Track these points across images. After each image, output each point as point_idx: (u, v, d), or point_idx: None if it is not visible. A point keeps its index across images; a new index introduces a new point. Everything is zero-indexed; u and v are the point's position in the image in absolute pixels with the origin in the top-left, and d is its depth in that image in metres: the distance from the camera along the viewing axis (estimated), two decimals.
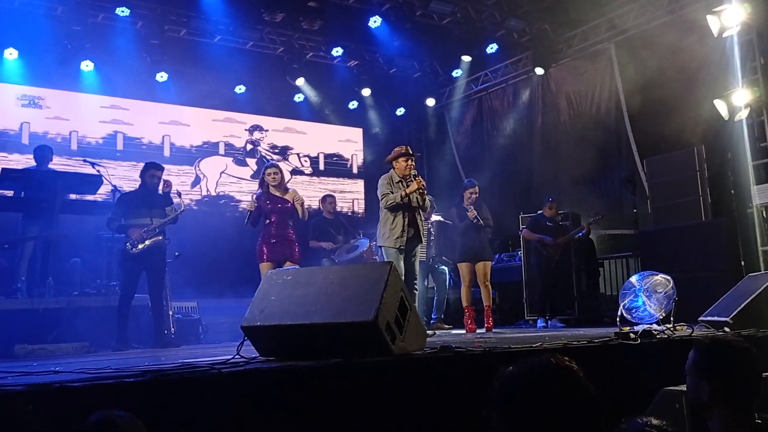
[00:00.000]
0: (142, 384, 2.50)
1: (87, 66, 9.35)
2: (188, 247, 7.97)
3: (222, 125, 11.35)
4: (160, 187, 6.83)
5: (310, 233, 8.31)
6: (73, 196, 7.35)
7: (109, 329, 6.13)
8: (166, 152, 10.76)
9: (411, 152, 6.41)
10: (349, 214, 12.10)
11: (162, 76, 9.92)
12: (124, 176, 9.56)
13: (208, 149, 11.20)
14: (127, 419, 1.98)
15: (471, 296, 7.31)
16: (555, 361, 1.53)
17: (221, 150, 11.30)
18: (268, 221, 6.22)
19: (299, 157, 12.18)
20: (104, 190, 7.61)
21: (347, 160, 12.69)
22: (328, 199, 8.85)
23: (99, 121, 10.16)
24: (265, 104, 11.59)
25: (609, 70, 10.00)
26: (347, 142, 12.70)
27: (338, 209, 9.50)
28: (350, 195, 12.51)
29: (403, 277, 5.17)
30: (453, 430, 3.07)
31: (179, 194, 6.91)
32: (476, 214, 7.14)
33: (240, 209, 6.32)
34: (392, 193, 6.18)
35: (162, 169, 6.79)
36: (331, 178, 12.44)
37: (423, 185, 6.21)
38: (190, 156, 11.02)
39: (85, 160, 7.52)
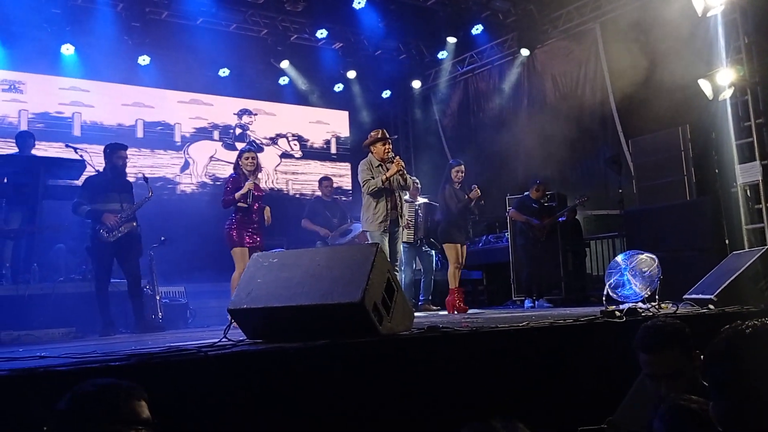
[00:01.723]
0: (127, 368, 2.49)
1: (68, 50, 9.22)
2: (177, 232, 7.95)
3: (206, 108, 11.24)
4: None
5: (305, 213, 8.33)
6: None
7: (95, 314, 6.09)
8: (177, 138, 10.76)
9: (387, 136, 6.47)
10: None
11: (144, 60, 9.80)
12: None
13: (195, 134, 11.10)
14: (127, 384, 1.93)
15: (459, 277, 7.34)
16: None
17: (211, 134, 11.22)
18: (247, 207, 6.20)
19: (288, 141, 12.12)
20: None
21: (333, 143, 12.64)
22: (324, 182, 8.80)
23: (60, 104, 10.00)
24: (249, 87, 11.50)
25: (594, 50, 10.01)
26: (333, 124, 12.65)
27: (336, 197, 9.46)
28: (336, 179, 12.47)
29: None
30: (441, 409, 3.09)
31: (146, 179, 6.66)
32: (479, 194, 7.19)
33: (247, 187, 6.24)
34: (373, 178, 6.23)
35: (126, 148, 6.58)
36: (317, 162, 12.40)
37: (402, 166, 6.29)
38: (174, 140, 10.92)
39: (67, 145, 7.43)
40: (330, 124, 12.64)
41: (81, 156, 7.07)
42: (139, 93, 10.56)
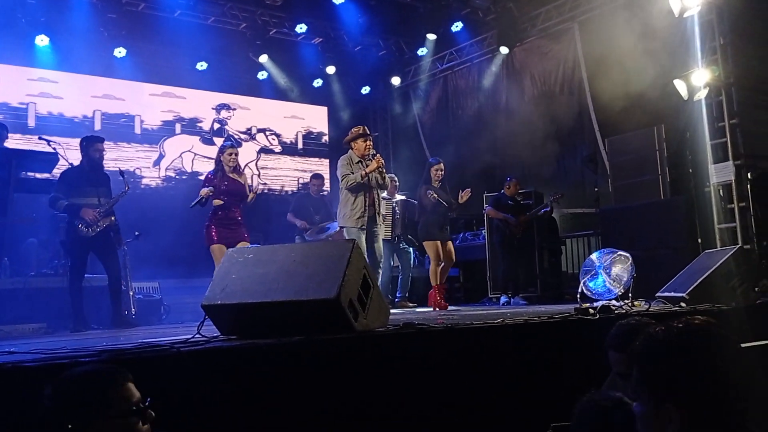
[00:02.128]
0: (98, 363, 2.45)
1: (42, 41, 9.07)
2: (151, 226, 7.86)
3: (182, 102, 11.13)
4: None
5: (291, 207, 8.50)
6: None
7: (68, 310, 5.99)
8: (137, 129, 10.59)
9: (368, 132, 6.47)
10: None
11: (120, 52, 9.67)
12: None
13: (170, 128, 10.99)
14: (113, 369, 1.90)
15: (446, 273, 7.35)
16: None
17: (177, 129, 11.08)
18: (220, 203, 6.13)
19: (266, 136, 12.04)
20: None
21: (312, 138, 12.59)
22: (314, 180, 8.97)
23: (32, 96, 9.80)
24: (227, 82, 11.39)
25: (572, 49, 10.07)
26: (311, 120, 12.60)
27: (324, 191, 9.43)
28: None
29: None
30: (415, 405, 3.09)
31: (122, 174, 6.52)
32: (438, 196, 7.17)
33: (201, 195, 6.15)
34: (352, 173, 6.22)
35: (103, 141, 6.45)
36: (297, 157, 12.35)
37: (382, 164, 6.31)
38: (152, 134, 10.80)
39: (40, 137, 7.30)
40: (308, 120, 12.58)
41: (54, 149, 6.95)
42: (112, 85, 10.37)
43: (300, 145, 12.52)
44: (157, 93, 10.90)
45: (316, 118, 12.65)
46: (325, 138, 12.67)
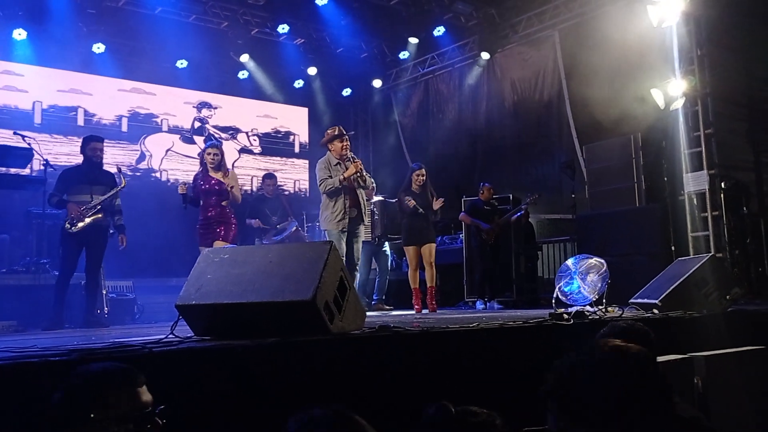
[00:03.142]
0: (68, 363, 2.42)
1: (20, 35, 8.94)
2: (126, 225, 7.77)
3: (162, 100, 11.02)
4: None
5: (247, 210, 8.27)
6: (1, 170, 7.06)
7: (39, 308, 5.92)
8: (124, 128, 10.49)
9: (344, 132, 6.43)
10: (291, 194, 12.00)
11: (99, 48, 9.56)
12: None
13: (152, 126, 10.87)
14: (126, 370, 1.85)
15: (418, 278, 7.34)
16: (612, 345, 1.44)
17: (164, 126, 10.99)
18: (203, 202, 6.11)
19: (248, 136, 11.98)
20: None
21: (292, 139, 12.55)
22: (267, 180, 8.78)
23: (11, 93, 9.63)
24: (208, 80, 11.31)
25: (552, 56, 10.17)
26: (292, 121, 12.56)
27: (281, 189, 9.37)
28: (296, 175, 12.40)
29: (343, 259, 5.17)
30: (390, 408, 3.09)
31: (119, 169, 6.61)
32: (414, 203, 7.17)
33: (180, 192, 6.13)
34: (330, 177, 6.19)
35: (102, 140, 6.48)
36: (276, 158, 12.29)
37: (361, 168, 6.26)
38: (131, 132, 10.68)
39: (15, 132, 7.20)
40: (289, 121, 12.53)
41: (29, 144, 6.86)
42: (81, 80, 10.17)
43: (292, 146, 12.48)
44: (136, 90, 10.77)
45: (296, 120, 12.61)
46: (305, 139, 12.63)
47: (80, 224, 6.02)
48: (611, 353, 1.45)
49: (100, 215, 6.17)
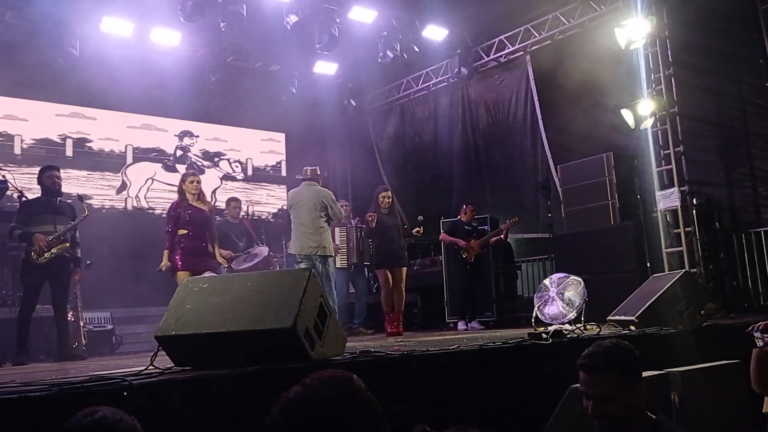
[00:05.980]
0: (48, 399, 2.40)
1: None
2: (101, 255, 7.70)
3: (141, 130, 10.97)
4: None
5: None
6: None
7: (6, 341, 5.81)
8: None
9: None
10: (271, 219, 11.97)
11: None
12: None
13: (131, 155, 10.80)
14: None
15: (391, 301, 7.33)
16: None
17: (137, 156, 10.91)
18: (185, 231, 6.08)
19: (230, 163, 11.96)
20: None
21: (272, 165, 12.54)
22: (232, 203, 8.43)
23: None
24: (186, 108, 11.25)
25: (525, 79, 10.35)
26: (271, 146, 12.57)
27: (243, 214, 9.25)
28: (279, 201, 12.31)
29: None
30: None
31: (81, 198, 6.54)
32: (376, 220, 7.21)
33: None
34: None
35: (59, 169, 6.41)
36: (258, 184, 12.28)
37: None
38: (115, 162, 10.61)
39: None
40: (267, 146, 12.54)
41: (3, 177, 6.80)
42: (17, 105, 9.85)
43: (262, 172, 12.46)
44: (120, 120, 10.71)
45: (273, 144, 12.61)
46: (283, 163, 12.64)
47: (47, 254, 5.93)
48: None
49: (66, 244, 6.11)
